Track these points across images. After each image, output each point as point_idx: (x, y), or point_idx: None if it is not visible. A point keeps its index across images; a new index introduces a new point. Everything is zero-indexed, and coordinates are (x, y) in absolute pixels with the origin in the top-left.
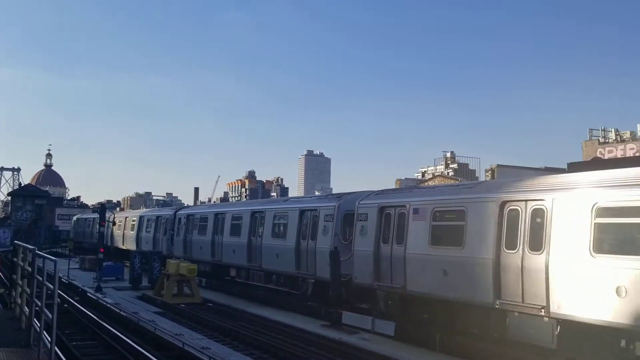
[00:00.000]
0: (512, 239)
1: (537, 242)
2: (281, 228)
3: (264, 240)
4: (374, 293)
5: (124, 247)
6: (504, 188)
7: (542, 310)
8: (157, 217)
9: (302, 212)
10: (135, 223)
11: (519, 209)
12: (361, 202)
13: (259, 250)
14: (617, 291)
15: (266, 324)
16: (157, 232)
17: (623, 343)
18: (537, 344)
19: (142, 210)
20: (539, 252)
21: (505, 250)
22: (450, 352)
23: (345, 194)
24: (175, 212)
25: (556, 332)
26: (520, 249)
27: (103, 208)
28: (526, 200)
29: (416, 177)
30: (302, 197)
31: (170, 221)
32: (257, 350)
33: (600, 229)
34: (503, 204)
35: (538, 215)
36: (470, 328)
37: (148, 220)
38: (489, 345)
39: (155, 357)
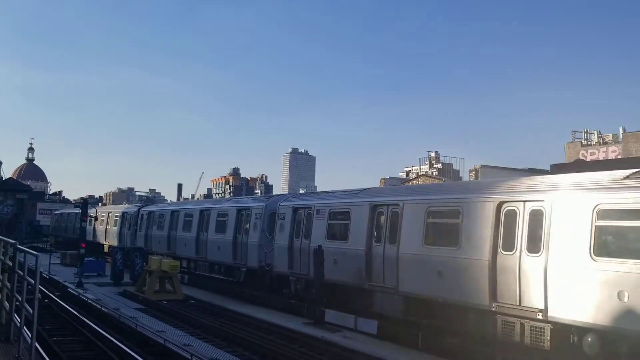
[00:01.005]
0: (379, 234)
1: (393, 237)
2: (223, 225)
3: (209, 235)
4: (288, 279)
5: (92, 240)
6: (376, 195)
7: (394, 289)
8: (123, 213)
9: (239, 210)
10: (105, 218)
11: (383, 211)
12: (281, 204)
13: (205, 244)
14: (439, 273)
15: (248, 321)
16: (123, 227)
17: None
18: (392, 315)
19: (111, 207)
20: (394, 244)
21: (375, 243)
22: (433, 351)
23: (273, 195)
24: (139, 209)
25: (403, 306)
26: (383, 242)
27: (85, 203)
28: (388, 205)
29: (400, 177)
30: (241, 198)
31: (134, 217)
32: (239, 347)
33: (429, 227)
34: (374, 207)
35: (395, 216)
36: (350, 304)
37: (115, 216)
38: (471, 344)
39: (137, 354)
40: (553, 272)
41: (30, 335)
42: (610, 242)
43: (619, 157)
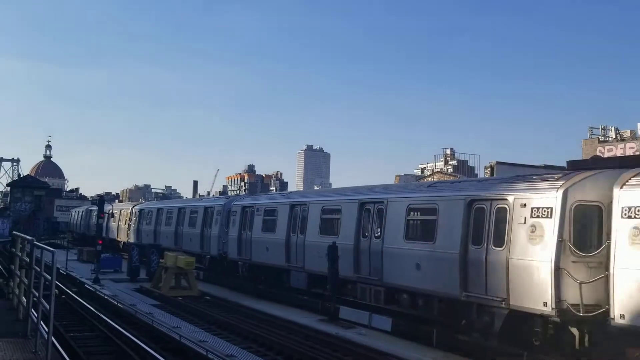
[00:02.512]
0: (295, 226)
1: (303, 229)
2: (194, 220)
3: (184, 229)
4: (237, 264)
5: (90, 234)
6: (294, 197)
7: (302, 268)
8: (120, 210)
9: (205, 208)
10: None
11: (298, 209)
12: (234, 203)
13: (181, 236)
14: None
15: (263, 317)
16: (120, 222)
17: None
18: (301, 288)
19: (111, 205)
20: (303, 235)
21: (292, 234)
22: (447, 349)
23: (232, 196)
24: (132, 207)
25: (307, 281)
26: (297, 233)
27: (101, 200)
28: (300, 205)
29: (415, 174)
30: (209, 198)
31: (129, 214)
32: (254, 343)
33: (323, 221)
34: (292, 206)
35: (305, 213)
36: (276, 281)
37: (114, 213)
38: (486, 342)
39: (152, 350)
40: (386, 251)
41: (46, 330)
42: (414, 230)
43: (637, 153)
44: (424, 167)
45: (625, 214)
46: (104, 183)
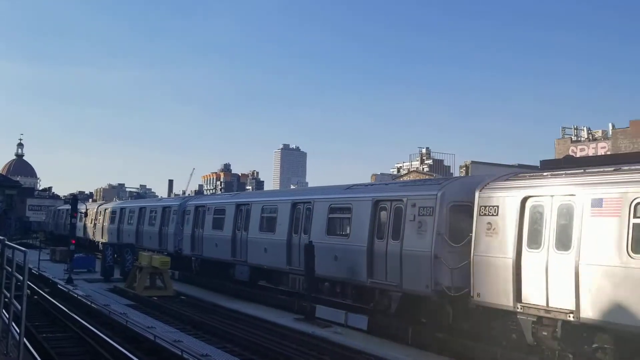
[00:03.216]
0: (242, 225)
1: (247, 226)
2: (153, 219)
3: (144, 227)
4: (191, 259)
5: (58, 233)
6: (240, 197)
7: (245, 262)
8: (88, 209)
9: (163, 208)
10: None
11: (242, 208)
12: (188, 202)
13: (142, 234)
14: (265, 250)
15: (239, 317)
16: (87, 221)
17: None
18: (244, 280)
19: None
20: (247, 231)
21: (237, 231)
22: (422, 347)
23: (187, 196)
24: (98, 206)
25: (249, 273)
26: (241, 230)
27: (75, 199)
28: (244, 204)
29: (392, 173)
30: (168, 198)
31: (95, 213)
32: (229, 343)
33: (263, 219)
34: (238, 205)
35: (248, 211)
36: (224, 274)
37: (81, 212)
38: (461, 339)
39: (127, 350)
40: (314, 244)
41: (18, 331)
42: (333, 227)
43: (608, 153)
44: (400, 166)
45: (482, 212)
46: (77, 182)
